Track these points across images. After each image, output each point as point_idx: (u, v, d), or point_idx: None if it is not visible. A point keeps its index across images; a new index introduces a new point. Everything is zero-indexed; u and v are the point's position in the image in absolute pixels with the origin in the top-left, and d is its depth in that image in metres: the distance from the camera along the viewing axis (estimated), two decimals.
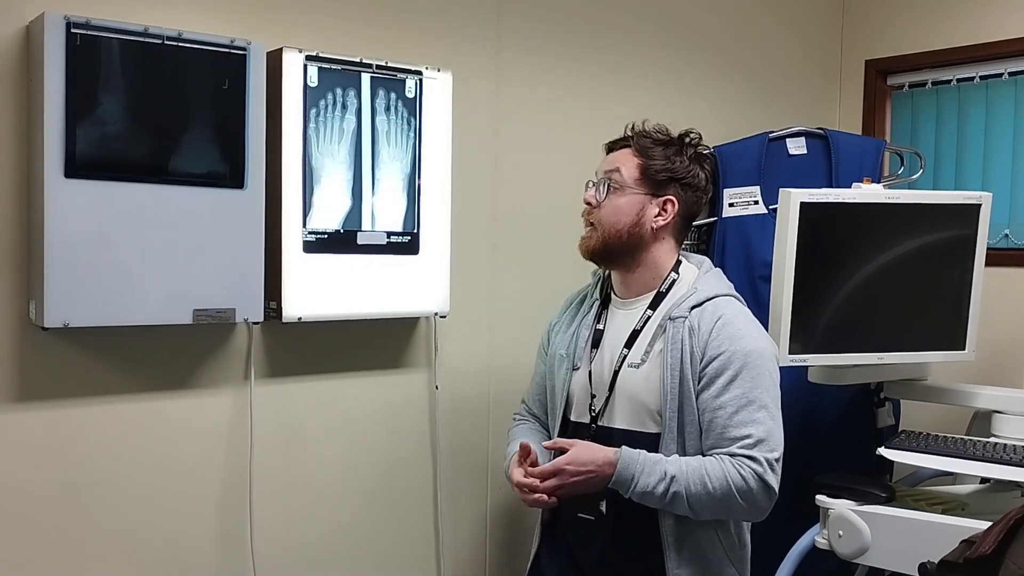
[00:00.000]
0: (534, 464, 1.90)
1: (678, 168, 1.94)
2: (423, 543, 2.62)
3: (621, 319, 1.98)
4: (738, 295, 1.96)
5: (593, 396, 1.95)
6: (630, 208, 1.92)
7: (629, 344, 1.92)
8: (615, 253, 1.95)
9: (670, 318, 1.88)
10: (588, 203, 1.97)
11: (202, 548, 2.26)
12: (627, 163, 1.94)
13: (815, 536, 2.28)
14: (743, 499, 1.77)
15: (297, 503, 2.40)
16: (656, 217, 1.93)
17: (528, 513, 2.69)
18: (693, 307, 1.87)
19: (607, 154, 2.02)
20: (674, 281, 1.95)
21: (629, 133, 2.00)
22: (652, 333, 1.90)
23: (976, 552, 1.36)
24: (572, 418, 1.99)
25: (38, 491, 2.05)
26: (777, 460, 1.80)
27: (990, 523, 1.41)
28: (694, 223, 2.28)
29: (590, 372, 1.97)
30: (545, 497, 1.85)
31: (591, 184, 2.00)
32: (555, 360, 2.06)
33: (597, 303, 2.05)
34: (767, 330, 2.05)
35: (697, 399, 1.83)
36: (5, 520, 2.01)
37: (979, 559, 1.35)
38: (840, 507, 2.20)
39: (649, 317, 1.93)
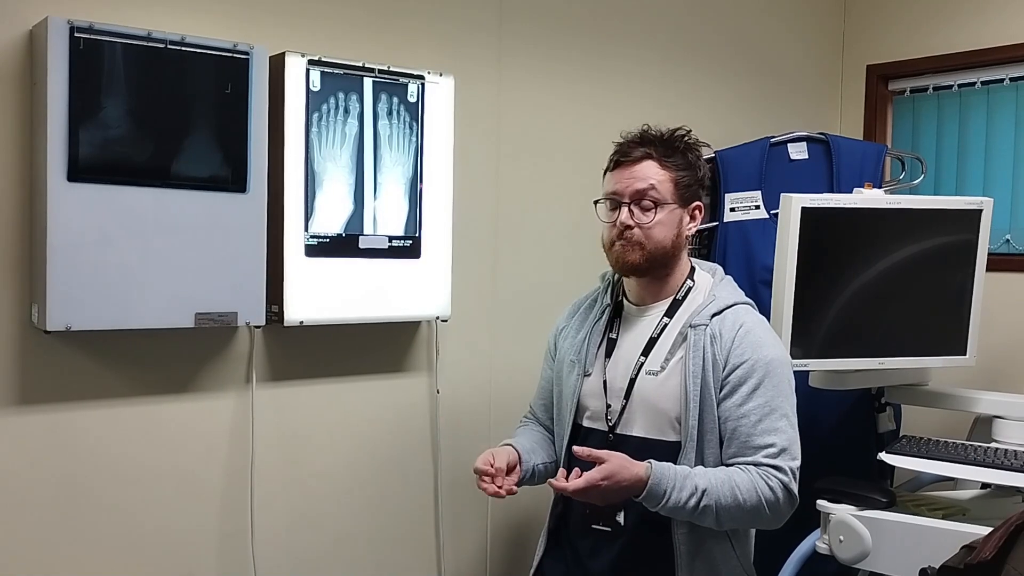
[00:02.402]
0: (511, 469, 1.91)
1: (700, 174, 1.95)
2: (424, 547, 2.62)
3: (636, 326, 1.96)
4: (752, 302, 1.95)
5: (608, 405, 1.93)
6: (672, 223, 1.90)
7: (646, 352, 1.91)
8: (655, 266, 1.92)
9: (691, 325, 1.86)
10: (628, 225, 1.87)
11: (204, 551, 2.26)
12: (659, 177, 1.88)
13: (816, 541, 2.28)
14: (770, 510, 1.77)
15: (298, 506, 2.40)
16: (689, 225, 1.94)
17: (531, 518, 2.69)
18: (714, 315, 1.86)
19: (622, 167, 1.91)
20: (690, 288, 1.94)
21: (635, 138, 1.93)
22: (672, 341, 1.89)
23: (977, 558, 1.36)
24: (584, 424, 1.97)
25: (40, 494, 2.05)
26: (799, 469, 1.81)
27: (991, 528, 1.41)
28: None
29: (604, 380, 1.95)
30: (502, 493, 1.84)
31: (614, 204, 1.89)
32: (564, 366, 2.03)
33: (609, 308, 2.02)
34: None
35: (719, 407, 1.82)
36: (7, 523, 2.01)
37: (980, 565, 1.35)
38: (841, 512, 2.20)
39: (666, 324, 1.91)
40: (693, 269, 1.98)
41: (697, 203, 1.94)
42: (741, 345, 1.82)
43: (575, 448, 1.79)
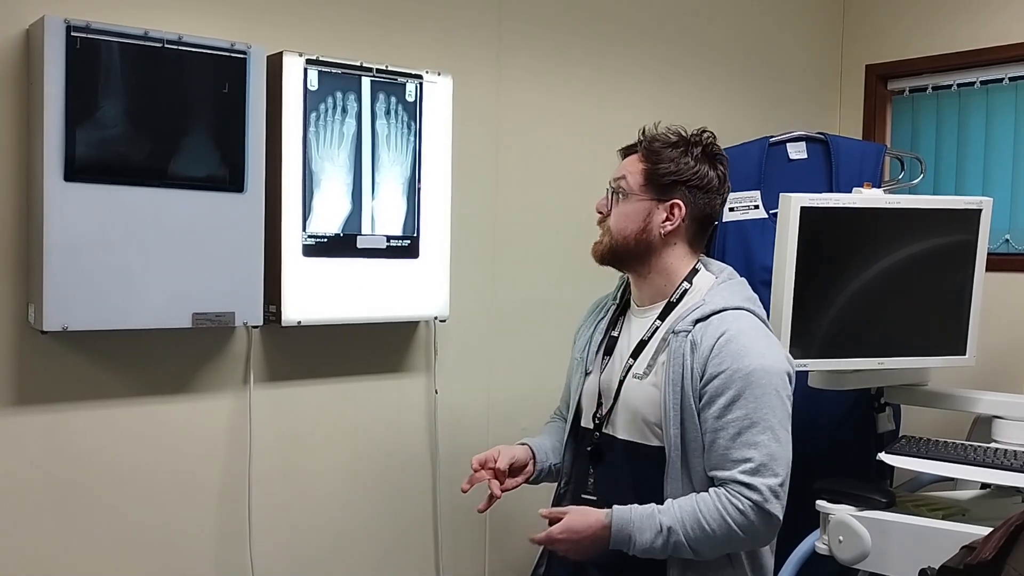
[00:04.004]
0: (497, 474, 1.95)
1: (683, 170, 1.85)
2: (422, 547, 2.62)
3: (634, 327, 1.94)
4: (754, 308, 1.86)
5: (600, 404, 1.92)
6: (636, 215, 1.87)
7: (635, 354, 1.88)
8: (624, 259, 1.91)
9: (673, 331, 1.82)
10: (599, 211, 1.93)
11: (201, 552, 2.26)
12: (634, 169, 1.89)
13: (815, 541, 2.27)
14: (743, 532, 1.71)
15: (296, 507, 2.39)
16: (664, 222, 1.86)
17: (531, 518, 2.68)
18: (697, 321, 1.80)
19: (621, 159, 1.95)
20: (686, 291, 1.89)
21: (640, 137, 1.93)
22: (656, 345, 1.85)
23: (977, 558, 1.36)
24: (582, 424, 1.96)
25: (37, 494, 2.04)
26: (780, 485, 1.73)
27: (991, 529, 1.41)
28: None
29: (599, 379, 1.93)
30: (493, 493, 1.92)
31: (607, 191, 1.94)
32: (573, 364, 2.04)
33: (614, 308, 2.01)
34: None
35: (699, 417, 1.77)
36: (4, 524, 2.01)
37: (980, 565, 1.35)
38: (840, 512, 2.19)
39: (657, 328, 1.87)
40: (696, 271, 1.92)
41: (674, 200, 1.86)
42: (720, 354, 1.75)
43: (540, 512, 1.83)
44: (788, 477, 1.76)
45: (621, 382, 1.88)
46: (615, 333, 1.97)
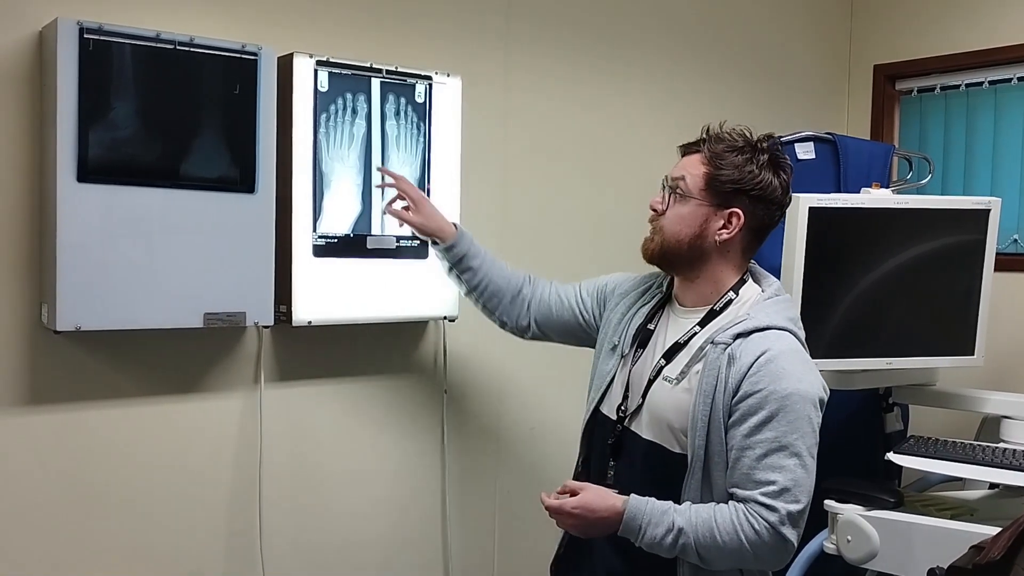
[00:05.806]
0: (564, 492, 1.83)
1: (745, 178, 1.79)
2: (431, 547, 2.63)
3: (672, 326, 1.89)
4: (796, 329, 1.81)
5: (626, 397, 1.89)
6: (692, 219, 1.81)
7: (668, 356, 1.84)
8: (674, 262, 1.86)
9: (712, 342, 1.78)
10: (653, 208, 1.87)
11: (212, 551, 2.27)
12: (694, 171, 1.81)
13: (823, 541, 2.28)
14: (754, 550, 1.69)
15: (306, 506, 2.40)
16: (720, 230, 1.80)
17: (538, 518, 2.69)
18: (738, 335, 1.75)
19: (681, 157, 1.88)
20: (730, 301, 1.83)
21: (704, 136, 1.86)
22: (693, 353, 1.81)
23: (985, 558, 1.36)
24: (602, 410, 1.93)
25: (49, 493, 2.06)
26: (800, 512, 1.69)
27: (999, 529, 1.41)
28: None
29: (630, 371, 1.90)
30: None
31: (663, 186, 1.87)
32: (603, 347, 1.99)
33: (657, 299, 1.96)
34: None
35: (727, 433, 1.73)
36: (17, 522, 2.02)
37: (988, 565, 1.36)
38: (848, 512, 2.20)
39: (695, 334, 1.83)
40: (743, 281, 1.87)
41: (734, 209, 1.79)
42: (758, 373, 1.71)
43: (558, 490, 1.79)
44: (808, 506, 1.72)
45: (651, 381, 1.85)
46: (652, 327, 1.92)
